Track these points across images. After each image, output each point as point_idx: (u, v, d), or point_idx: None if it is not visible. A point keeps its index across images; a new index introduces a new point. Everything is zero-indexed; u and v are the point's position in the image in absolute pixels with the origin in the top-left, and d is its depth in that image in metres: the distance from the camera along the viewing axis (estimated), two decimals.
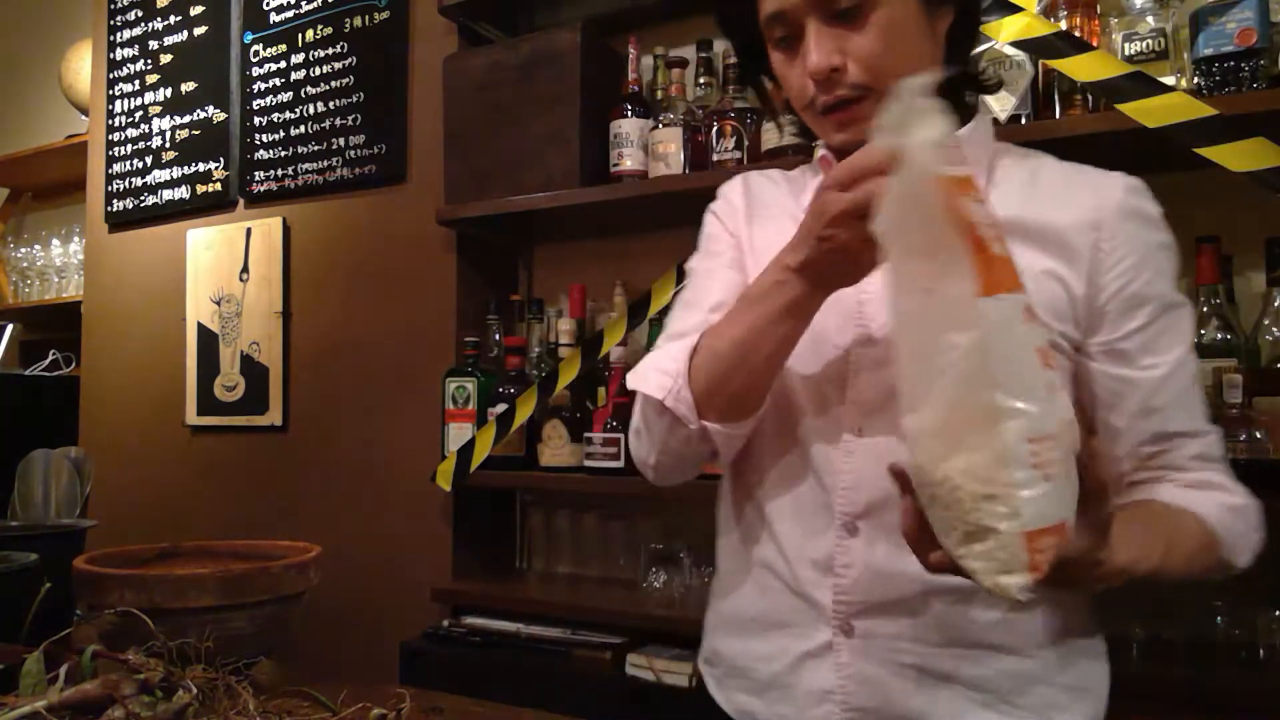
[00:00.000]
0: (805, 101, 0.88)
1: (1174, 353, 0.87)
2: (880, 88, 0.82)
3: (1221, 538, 0.84)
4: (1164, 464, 0.88)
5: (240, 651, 0.99)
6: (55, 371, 3.02)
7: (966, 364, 0.61)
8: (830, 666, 0.88)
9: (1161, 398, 0.87)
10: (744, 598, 0.97)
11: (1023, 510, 0.60)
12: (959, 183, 0.63)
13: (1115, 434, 0.89)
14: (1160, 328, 0.87)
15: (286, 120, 2.41)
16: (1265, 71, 1.33)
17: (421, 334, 2.18)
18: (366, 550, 2.19)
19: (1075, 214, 0.87)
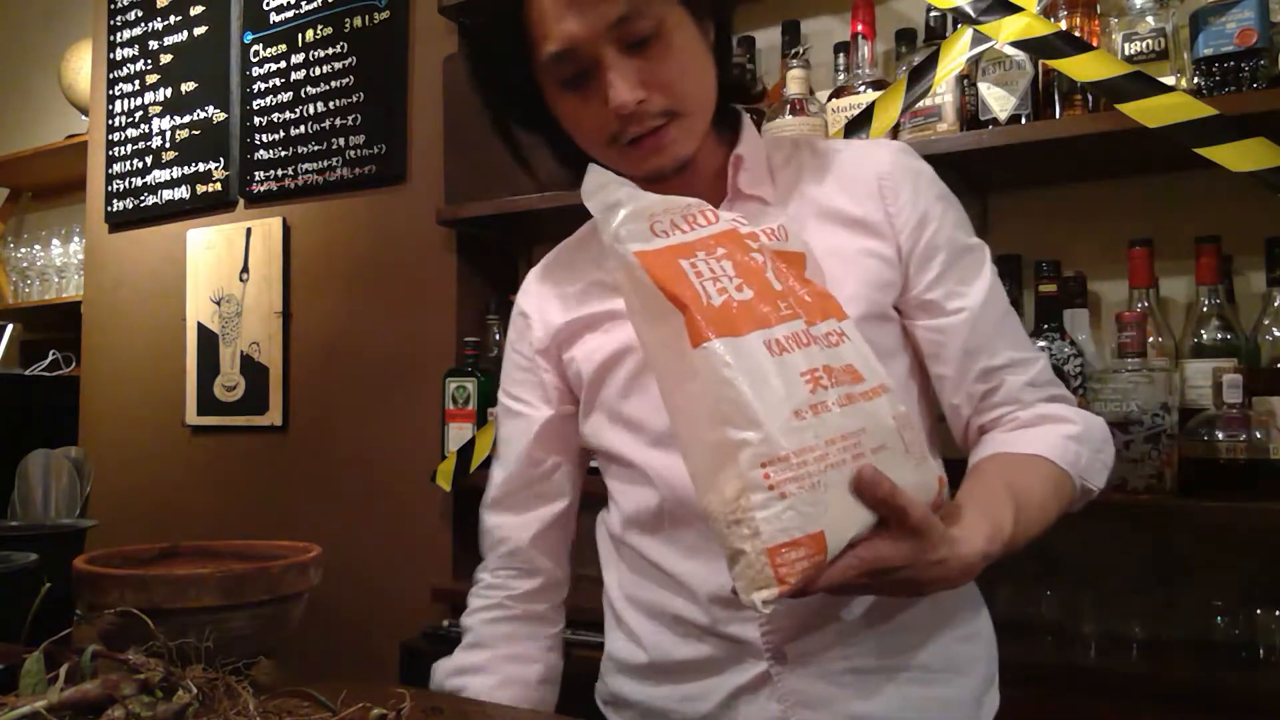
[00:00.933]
0: (605, 138, 0.86)
1: (976, 291, 0.90)
2: (684, 109, 0.85)
3: (1069, 471, 0.85)
4: (1000, 400, 0.90)
5: (240, 651, 0.99)
6: (55, 371, 3.02)
7: (696, 409, 0.68)
8: (771, 696, 0.86)
9: (977, 336, 0.89)
10: (658, 648, 0.94)
11: (761, 529, 0.64)
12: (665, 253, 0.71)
13: (945, 382, 0.91)
14: (959, 273, 0.90)
15: (286, 120, 2.41)
16: (1265, 71, 1.33)
17: (421, 334, 2.18)
18: (366, 550, 2.19)
19: (861, 189, 0.90)
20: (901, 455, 0.71)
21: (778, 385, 0.66)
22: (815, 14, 1.89)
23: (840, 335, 0.73)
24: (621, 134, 0.85)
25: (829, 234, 0.89)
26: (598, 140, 0.87)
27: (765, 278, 0.72)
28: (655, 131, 0.84)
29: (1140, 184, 1.59)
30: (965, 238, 0.92)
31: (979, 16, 1.44)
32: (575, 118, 0.88)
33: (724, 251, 0.72)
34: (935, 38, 1.61)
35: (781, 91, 1.73)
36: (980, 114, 1.52)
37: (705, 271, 0.70)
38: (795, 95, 1.67)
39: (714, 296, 0.69)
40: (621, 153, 0.87)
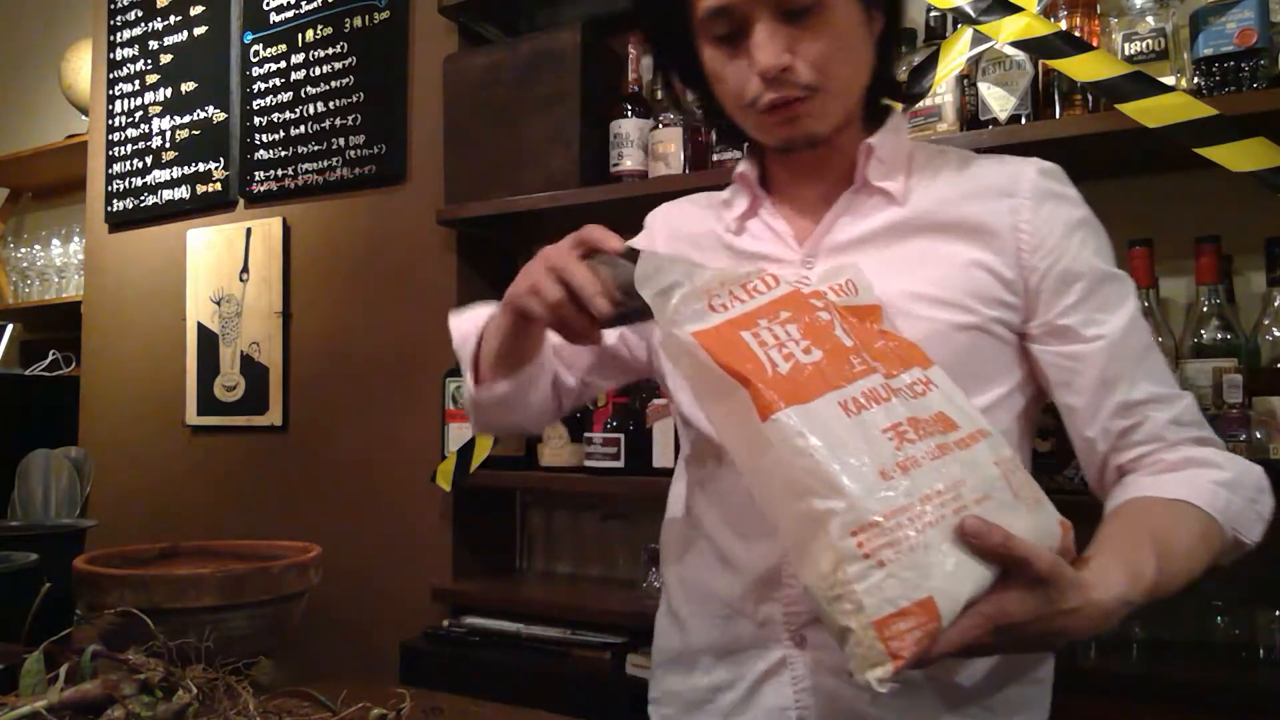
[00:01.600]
0: (745, 100, 0.87)
1: (1118, 320, 0.86)
2: (826, 88, 0.85)
3: (1217, 519, 0.79)
4: (1141, 439, 0.85)
5: (240, 651, 0.99)
6: (55, 371, 3.01)
7: (776, 483, 0.65)
8: (786, 682, 0.86)
9: (1116, 366, 0.85)
10: (697, 631, 0.95)
11: (864, 602, 0.60)
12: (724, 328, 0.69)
13: (1077, 415, 0.87)
14: (1099, 300, 0.86)
15: (286, 120, 2.41)
16: (1265, 71, 1.33)
17: (421, 334, 2.18)
18: (366, 550, 2.19)
19: (992, 202, 0.88)
20: (1010, 502, 0.66)
21: (858, 446, 0.63)
22: None
23: (926, 383, 0.70)
24: (760, 97, 0.85)
25: (943, 240, 0.88)
26: (737, 100, 0.88)
27: (834, 335, 0.69)
28: (792, 102, 0.85)
29: (1140, 184, 1.59)
30: (1107, 266, 0.88)
31: (979, 16, 1.44)
32: (721, 75, 0.88)
33: (788, 315, 0.69)
34: (935, 38, 1.61)
35: None
36: (980, 114, 1.52)
37: (769, 339, 0.67)
38: None
39: (780, 364, 0.66)
40: (757, 117, 0.87)
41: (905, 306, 0.84)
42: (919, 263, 0.88)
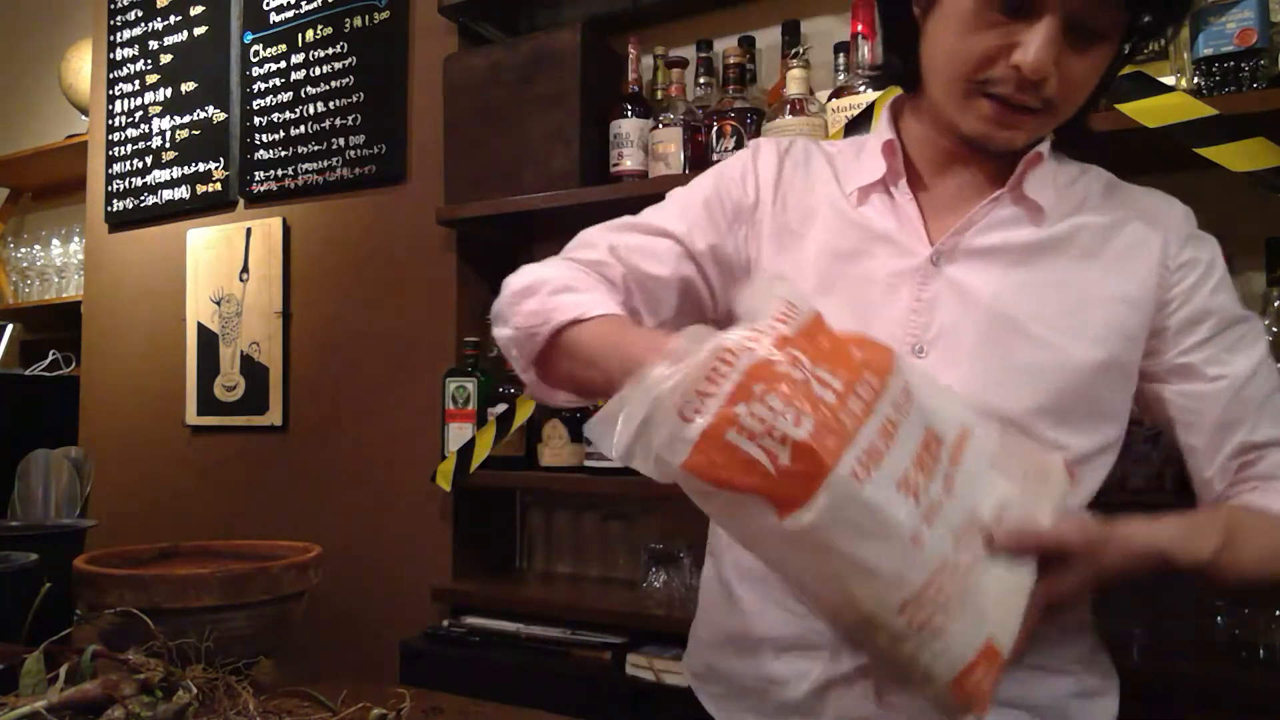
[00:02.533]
0: (977, 75, 0.80)
1: (1244, 361, 0.85)
2: (1057, 113, 0.82)
3: None
4: (1258, 473, 0.85)
5: (240, 651, 0.99)
6: (55, 371, 3.01)
7: (810, 576, 0.64)
8: (866, 694, 0.84)
9: (1238, 409, 0.84)
10: (760, 617, 0.91)
11: (933, 672, 0.61)
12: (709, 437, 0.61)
13: (1197, 455, 0.87)
14: (1227, 340, 0.85)
15: (286, 120, 2.41)
16: (1265, 71, 1.33)
17: (421, 334, 2.18)
18: (366, 550, 2.19)
19: (1140, 234, 0.86)
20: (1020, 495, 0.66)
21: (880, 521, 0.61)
22: (815, 14, 1.89)
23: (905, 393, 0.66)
24: (998, 83, 0.79)
25: (1090, 268, 0.86)
26: (964, 69, 0.80)
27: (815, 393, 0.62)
28: (1021, 111, 0.80)
29: (1140, 184, 1.58)
30: (1238, 308, 0.87)
31: None
32: (964, 33, 0.79)
33: (763, 388, 0.62)
34: None
35: (781, 91, 1.73)
36: None
37: (756, 427, 0.61)
38: (795, 95, 1.67)
39: (779, 454, 0.61)
40: (975, 98, 0.81)
41: (1038, 332, 0.82)
42: (1057, 287, 0.85)
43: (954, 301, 0.85)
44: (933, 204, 0.90)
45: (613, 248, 0.92)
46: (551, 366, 0.86)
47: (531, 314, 0.85)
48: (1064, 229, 0.87)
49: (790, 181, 0.94)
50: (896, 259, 0.88)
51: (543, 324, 0.84)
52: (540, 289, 0.86)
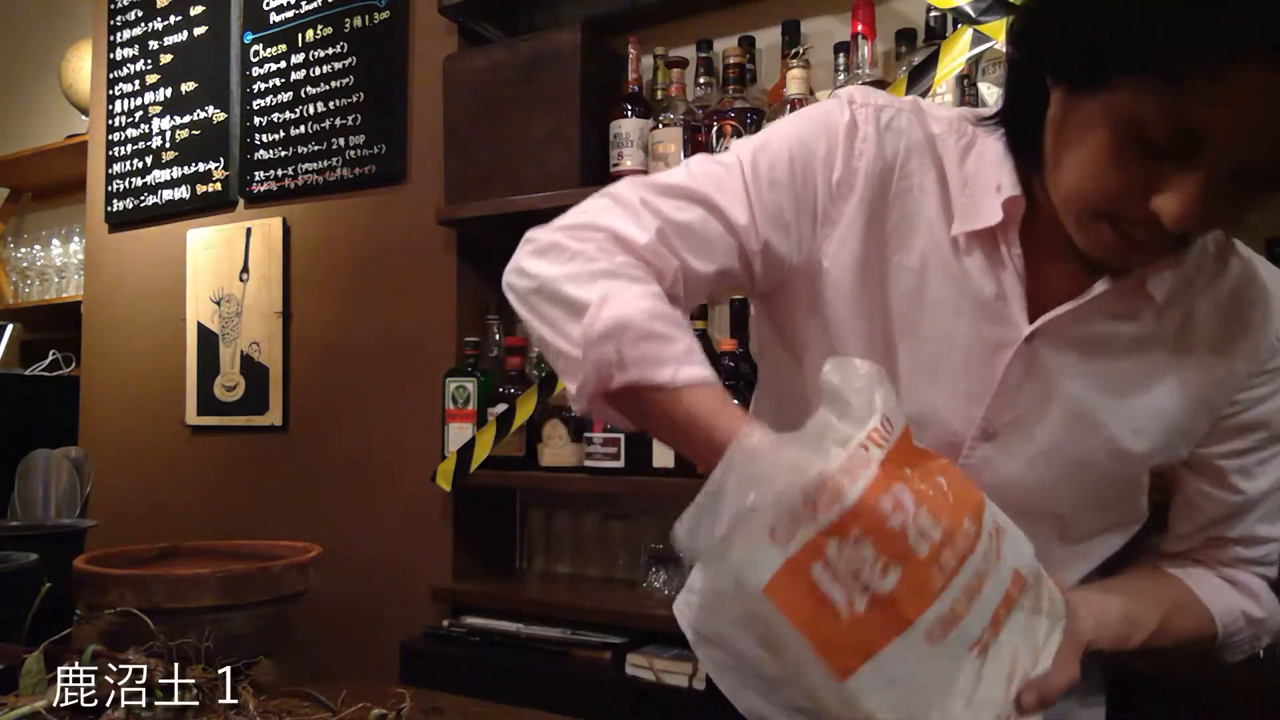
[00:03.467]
0: (1106, 209, 0.66)
1: (1263, 482, 0.82)
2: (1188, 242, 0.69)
3: (1220, 635, 0.84)
4: (1211, 558, 0.87)
5: (240, 651, 0.99)
6: (55, 371, 3.01)
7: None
8: None
9: (1237, 517, 0.84)
10: None
11: None
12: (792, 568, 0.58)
13: (1177, 533, 0.88)
14: (1264, 454, 0.81)
15: (286, 120, 2.41)
16: None
17: (421, 334, 2.18)
18: (366, 550, 2.19)
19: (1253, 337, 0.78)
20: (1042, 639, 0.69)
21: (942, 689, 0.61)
22: (815, 14, 1.90)
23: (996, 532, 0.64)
24: (1127, 221, 0.65)
25: (1185, 363, 0.77)
26: (1093, 199, 0.66)
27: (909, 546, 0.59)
28: (1146, 250, 0.68)
29: None
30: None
31: (979, 16, 1.44)
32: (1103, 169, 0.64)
33: (859, 532, 0.58)
34: (935, 38, 1.61)
35: (781, 91, 1.73)
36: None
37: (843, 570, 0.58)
38: (795, 95, 1.67)
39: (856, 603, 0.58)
40: (1100, 222, 0.67)
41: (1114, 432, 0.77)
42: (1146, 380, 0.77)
43: (1040, 387, 0.76)
44: (1038, 264, 0.76)
45: (661, 231, 0.75)
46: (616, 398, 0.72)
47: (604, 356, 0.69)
48: (1173, 322, 0.77)
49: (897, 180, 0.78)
50: (989, 326, 0.76)
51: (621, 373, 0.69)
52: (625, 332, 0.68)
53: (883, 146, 0.78)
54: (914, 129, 0.79)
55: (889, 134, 0.78)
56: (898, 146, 0.78)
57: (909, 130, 0.79)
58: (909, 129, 0.79)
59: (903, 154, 0.78)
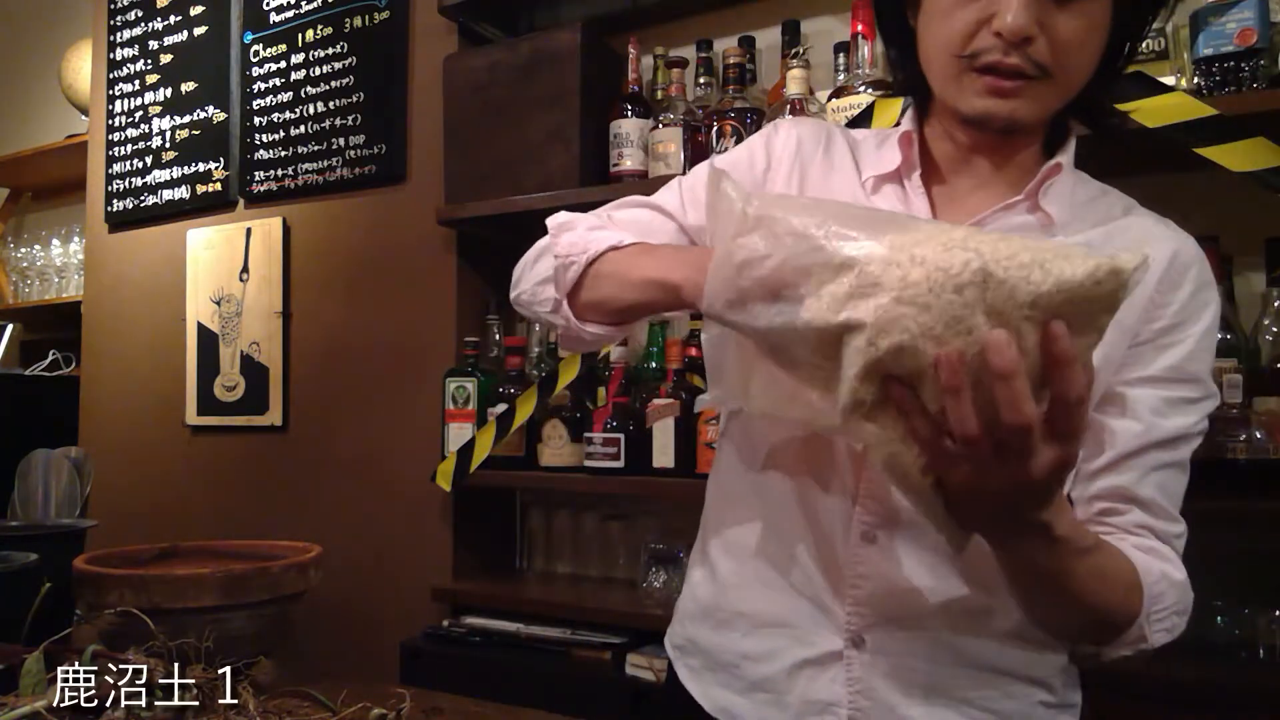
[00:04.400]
0: (963, 49, 0.78)
1: (1171, 425, 0.82)
2: (1055, 76, 0.78)
3: (1145, 599, 0.79)
4: (1115, 524, 0.82)
5: (240, 651, 0.99)
6: (55, 371, 3.01)
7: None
8: (837, 679, 0.84)
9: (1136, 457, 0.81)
10: (737, 591, 0.92)
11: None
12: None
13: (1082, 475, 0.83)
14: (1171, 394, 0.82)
15: (286, 120, 2.41)
16: (1265, 71, 1.33)
17: (421, 334, 2.18)
18: (366, 550, 2.19)
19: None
20: None
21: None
22: (815, 14, 1.90)
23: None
24: (982, 54, 0.77)
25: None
26: (951, 47, 0.79)
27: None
28: (1014, 77, 0.77)
29: (1140, 184, 1.58)
30: (1203, 374, 0.83)
31: None
32: (947, 12, 0.79)
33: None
34: None
35: (781, 91, 1.73)
36: None
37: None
38: (795, 95, 1.67)
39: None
40: (967, 74, 0.79)
41: None
42: None
43: None
44: (946, 201, 0.88)
45: (612, 218, 0.95)
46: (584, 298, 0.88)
47: (570, 244, 0.88)
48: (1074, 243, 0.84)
49: (811, 157, 0.92)
50: None
51: (581, 251, 0.87)
52: (577, 224, 0.91)
53: (803, 139, 0.93)
54: (834, 130, 0.95)
55: (805, 127, 0.95)
56: (820, 138, 0.93)
57: (829, 130, 0.95)
58: (829, 130, 0.95)
59: (824, 143, 0.93)
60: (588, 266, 0.86)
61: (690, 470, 1.74)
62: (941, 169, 0.89)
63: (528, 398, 1.91)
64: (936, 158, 0.90)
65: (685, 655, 0.97)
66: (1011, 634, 0.83)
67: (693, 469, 1.74)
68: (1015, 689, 0.85)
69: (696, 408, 1.76)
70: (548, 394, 1.90)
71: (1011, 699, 0.84)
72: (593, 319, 0.88)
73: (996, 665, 0.84)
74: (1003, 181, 0.87)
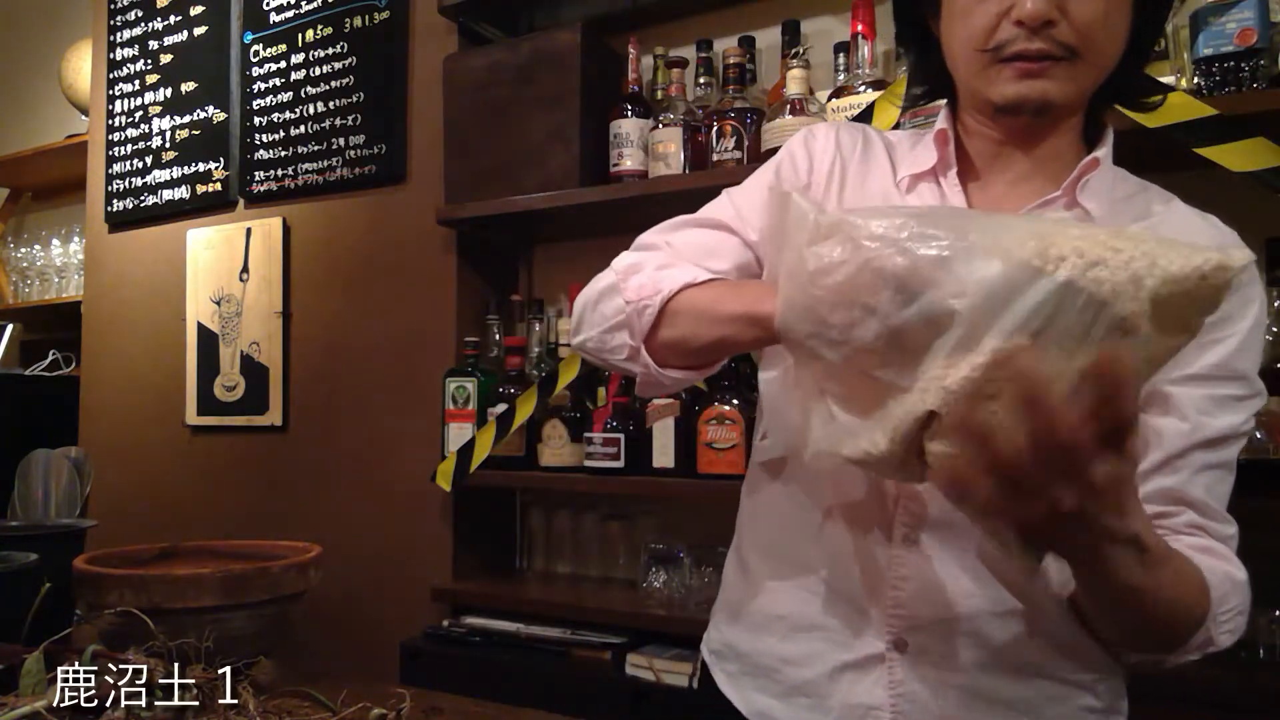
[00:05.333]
0: (988, 43, 0.79)
1: (1221, 423, 0.80)
2: (1085, 55, 0.78)
3: (1212, 603, 0.77)
4: (1168, 526, 0.80)
5: (240, 651, 0.99)
6: (55, 371, 3.01)
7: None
8: (879, 682, 0.84)
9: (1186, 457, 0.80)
10: (775, 594, 0.91)
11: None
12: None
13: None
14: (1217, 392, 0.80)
15: (286, 120, 2.41)
16: (1265, 71, 1.33)
17: (421, 334, 2.18)
18: (366, 550, 2.19)
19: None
20: None
21: None
22: (815, 14, 1.90)
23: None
24: (1007, 45, 0.78)
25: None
26: (976, 42, 0.80)
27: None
28: (1042, 58, 0.78)
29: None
30: (1249, 371, 0.82)
31: None
32: (967, 10, 0.80)
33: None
34: None
35: (781, 91, 1.73)
36: None
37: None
38: (795, 95, 1.67)
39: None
40: (993, 66, 0.80)
41: None
42: None
43: None
44: (983, 199, 0.88)
45: (671, 244, 0.92)
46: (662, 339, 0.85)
47: (641, 287, 0.85)
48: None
49: (849, 160, 0.92)
50: None
51: (654, 293, 0.84)
52: (645, 265, 0.87)
53: (840, 141, 0.93)
54: (870, 133, 0.96)
55: (844, 132, 0.95)
56: (857, 140, 0.94)
57: (866, 132, 0.96)
58: (866, 132, 0.96)
59: (862, 145, 0.93)
60: (663, 307, 0.84)
61: (690, 470, 1.74)
62: (977, 166, 0.89)
63: (528, 398, 1.91)
64: (971, 155, 0.90)
65: (722, 660, 0.97)
66: (1053, 636, 0.82)
67: (693, 469, 1.74)
68: (1058, 692, 0.84)
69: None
70: (548, 394, 1.90)
71: (1054, 702, 0.83)
72: (673, 363, 0.86)
73: (1039, 668, 0.83)
74: (1040, 176, 0.86)
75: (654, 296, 0.84)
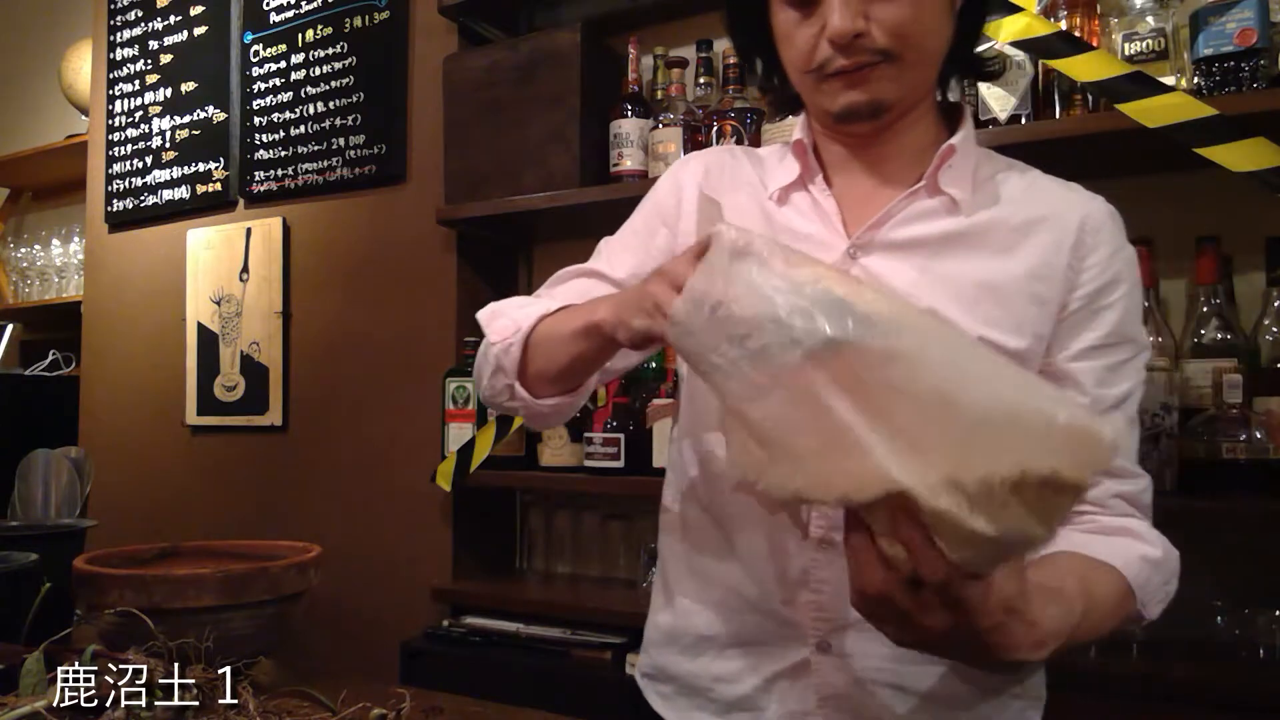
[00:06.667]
0: (810, 64, 0.83)
1: (1118, 390, 0.84)
2: (902, 55, 0.81)
3: (1136, 593, 0.81)
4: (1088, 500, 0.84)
5: (240, 651, 0.99)
6: (55, 371, 3.01)
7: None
8: (807, 687, 0.86)
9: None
10: (699, 616, 0.93)
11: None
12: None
13: None
14: (1113, 360, 0.85)
15: (286, 120, 2.41)
16: (1265, 71, 1.33)
17: (421, 334, 2.18)
18: (366, 550, 2.19)
19: (1057, 229, 0.85)
20: None
21: None
22: None
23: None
24: (828, 63, 0.81)
25: (1007, 261, 0.84)
26: (802, 64, 0.84)
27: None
28: (861, 68, 0.81)
29: (1140, 184, 1.59)
30: (1136, 331, 0.86)
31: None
32: (788, 36, 0.84)
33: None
34: None
35: None
36: (980, 114, 1.52)
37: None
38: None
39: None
40: (821, 84, 0.84)
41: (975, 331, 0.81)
42: (973, 279, 0.84)
43: None
44: (852, 201, 0.90)
45: (553, 295, 0.99)
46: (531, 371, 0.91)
47: (503, 329, 0.92)
48: (980, 221, 0.86)
49: (717, 186, 0.95)
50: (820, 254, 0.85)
51: (515, 330, 0.91)
52: (506, 310, 0.95)
53: (709, 168, 0.98)
54: (738, 152, 1.00)
55: (712, 156, 1.00)
56: (724, 163, 0.98)
57: (733, 152, 1.00)
58: (732, 152, 1.00)
59: (729, 167, 0.98)
60: (525, 342, 0.90)
61: None
62: (842, 170, 0.92)
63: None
64: (832, 160, 0.93)
65: (655, 683, 0.99)
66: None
67: None
68: (987, 683, 0.85)
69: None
70: None
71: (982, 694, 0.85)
72: (546, 392, 0.92)
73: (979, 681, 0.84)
74: (901, 171, 0.89)
75: (515, 334, 0.91)
